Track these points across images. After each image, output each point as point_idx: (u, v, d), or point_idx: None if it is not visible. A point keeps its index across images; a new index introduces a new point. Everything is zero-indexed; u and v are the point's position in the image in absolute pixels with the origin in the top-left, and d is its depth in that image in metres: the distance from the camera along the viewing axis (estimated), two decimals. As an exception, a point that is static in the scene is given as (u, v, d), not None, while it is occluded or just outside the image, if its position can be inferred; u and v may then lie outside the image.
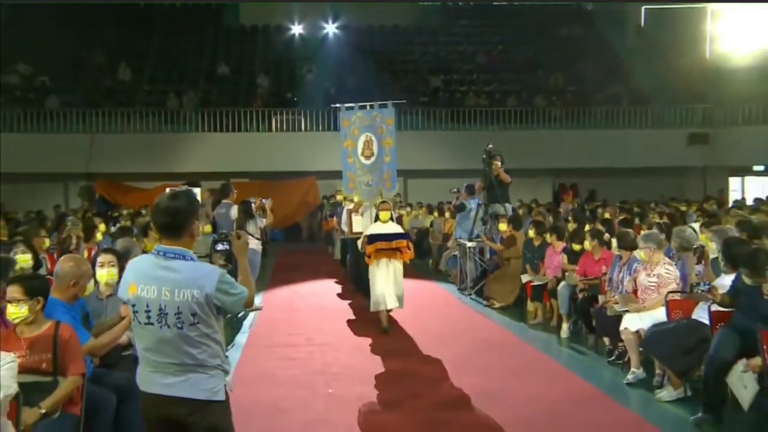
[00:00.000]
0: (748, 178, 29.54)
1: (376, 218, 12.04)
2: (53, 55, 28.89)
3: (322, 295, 15.34)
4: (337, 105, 13.89)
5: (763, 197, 23.71)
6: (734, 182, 29.61)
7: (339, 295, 15.15)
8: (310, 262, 20.08)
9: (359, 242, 12.13)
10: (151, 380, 4.20)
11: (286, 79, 28.80)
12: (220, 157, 25.35)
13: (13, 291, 5.30)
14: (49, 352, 5.28)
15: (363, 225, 13.39)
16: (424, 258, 19.89)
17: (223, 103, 27.35)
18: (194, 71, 29.23)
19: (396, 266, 11.80)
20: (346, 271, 17.12)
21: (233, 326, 12.22)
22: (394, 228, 12.06)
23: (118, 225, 14.27)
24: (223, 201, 14.01)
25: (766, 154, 27.50)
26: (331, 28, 31.81)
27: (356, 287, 14.73)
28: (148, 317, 4.10)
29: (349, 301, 14.37)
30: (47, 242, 10.41)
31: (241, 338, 11.49)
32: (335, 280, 16.91)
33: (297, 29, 31.98)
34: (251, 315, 13.06)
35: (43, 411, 5.20)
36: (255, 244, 13.74)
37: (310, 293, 15.53)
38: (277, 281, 17.00)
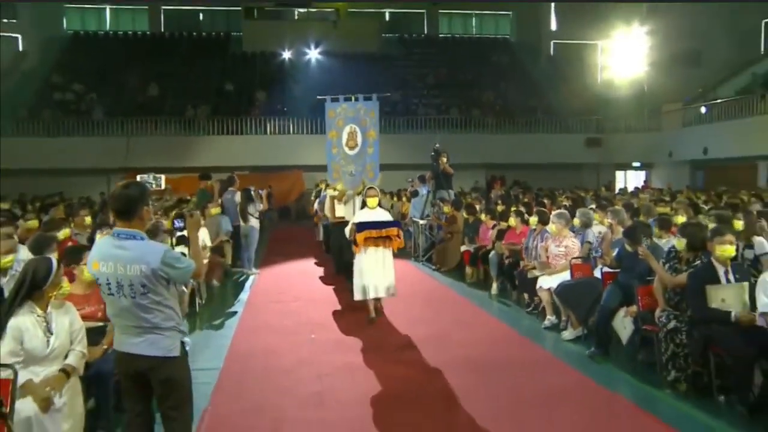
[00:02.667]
0: (629, 172, 30.01)
1: (363, 204, 9.73)
2: (99, 76, 28.77)
3: (308, 263, 15.15)
4: (324, 97, 11.66)
5: (639, 186, 24.17)
6: (619, 175, 29.92)
7: (321, 264, 14.93)
8: (297, 237, 20.01)
9: (347, 230, 9.52)
10: (120, 341, 4.10)
11: (278, 93, 28.65)
12: (226, 155, 25.21)
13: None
14: (102, 303, 5.20)
15: (346, 212, 11.37)
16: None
17: (228, 113, 27.22)
18: (206, 88, 29.06)
19: (385, 254, 9.30)
20: (328, 255, 14.92)
21: (237, 287, 12.21)
22: (382, 215, 9.53)
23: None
24: (229, 189, 13.90)
25: (642, 154, 28.29)
26: (313, 54, 31.62)
27: (338, 272, 12.56)
28: (110, 289, 3.97)
29: (329, 269, 14.03)
30: (88, 220, 10.26)
31: (244, 296, 11.42)
32: (318, 251, 16.61)
33: (287, 54, 31.77)
34: (251, 278, 13.00)
35: (105, 347, 5.23)
36: (255, 223, 13.77)
37: (298, 261, 15.34)
38: (271, 252, 16.85)
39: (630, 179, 29.46)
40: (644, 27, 28.19)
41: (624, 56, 27.90)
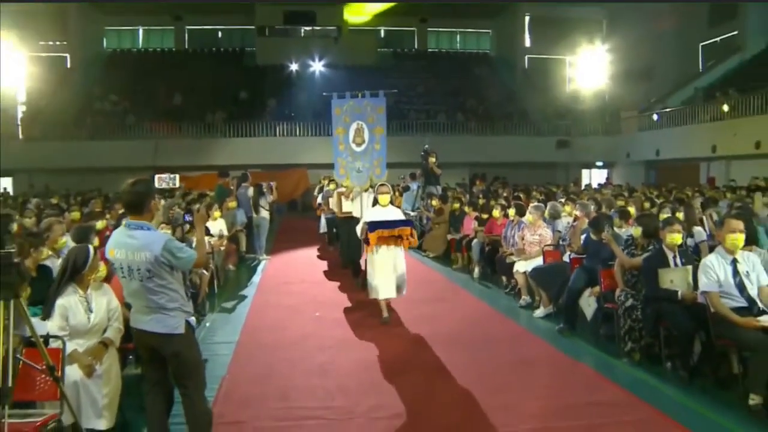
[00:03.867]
0: (593, 170, 30.01)
1: (375, 202, 8.50)
2: (132, 88, 28.80)
3: (312, 251, 15.06)
4: (330, 94, 10.72)
5: (602, 182, 24.24)
6: (585, 173, 29.87)
7: (323, 252, 14.80)
8: (304, 227, 19.89)
9: (358, 229, 8.37)
10: (135, 319, 4.12)
11: (286, 100, 28.54)
12: (241, 155, 25.03)
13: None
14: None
15: (353, 208, 10.52)
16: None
17: (243, 118, 27.14)
18: (224, 96, 28.96)
19: (397, 254, 8.12)
20: (332, 248, 14.33)
21: (250, 271, 12.17)
22: (394, 213, 8.32)
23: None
24: (243, 184, 13.95)
25: (604, 155, 28.36)
26: (317, 66, 31.50)
27: (345, 266, 11.61)
28: (122, 273, 3.98)
29: (332, 257, 13.85)
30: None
31: (256, 279, 11.39)
32: (321, 242, 16.25)
33: (294, 67, 31.66)
34: (263, 263, 12.95)
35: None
36: (265, 214, 13.77)
37: (303, 249, 15.26)
38: (280, 240, 16.74)
39: (594, 177, 29.50)
40: (605, 45, 28.31)
41: (588, 70, 27.95)
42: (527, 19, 34.84)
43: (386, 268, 7.99)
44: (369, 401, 5.39)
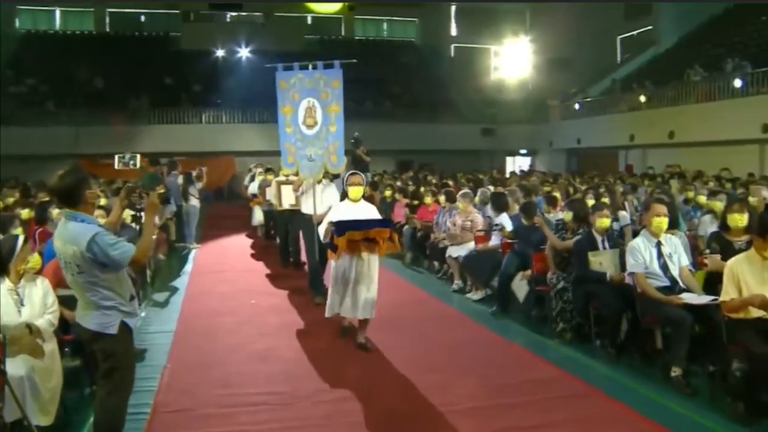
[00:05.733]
0: (517, 158, 30.64)
1: (344, 196, 6.89)
2: (50, 71, 27.53)
3: (242, 237, 14.97)
4: (274, 65, 8.54)
5: (525, 170, 24.90)
6: (509, 160, 30.43)
7: (255, 241, 14.63)
8: (231, 215, 19.52)
9: (320, 230, 6.59)
10: (76, 312, 3.92)
11: (212, 87, 27.97)
12: (166, 142, 24.12)
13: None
14: None
15: (303, 202, 8.54)
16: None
17: (168, 104, 26.43)
18: (148, 82, 28.05)
19: (370, 262, 6.34)
20: (271, 244, 13.28)
21: (182, 260, 11.94)
22: (368, 210, 6.63)
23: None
24: (173, 172, 13.67)
25: (528, 143, 29.05)
26: (244, 52, 30.96)
27: (285, 265, 10.87)
28: (62, 264, 3.78)
29: (263, 242, 13.99)
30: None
31: (188, 267, 11.20)
32: (252, 229, 15.94)
33: (220, 53, 31.01)
34: (193, 252, 12.73)
35: None
36: (195, 202, 13.55)
37: (233, 237, 15.13)
38: (209, 228, 16.32)
39: (518, 164, 30.20)
40: (528, 36, 29.00)
41: (513, 60, 28.60)
42: (453, 8, 35.26)
43: (354, 281, 6.31)
44: (311, 385, 5.44)
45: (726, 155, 17.21)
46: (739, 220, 5.64)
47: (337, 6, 34.99)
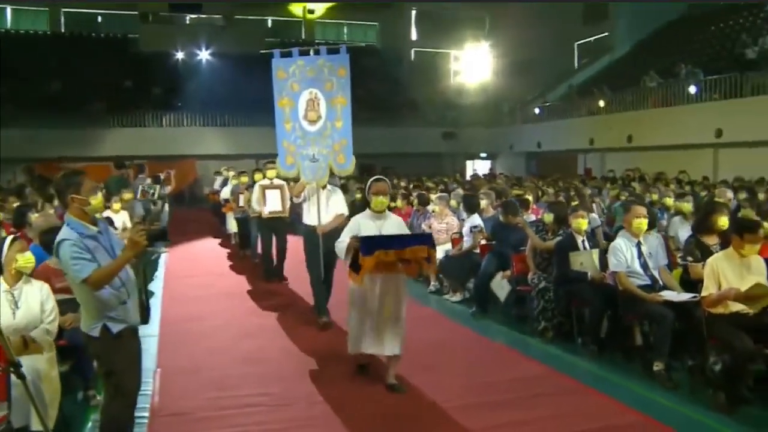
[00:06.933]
0: (476, 161, 31.03)
1: (365, 205, 5.99)
2: (2, 72, 26.68)
3: (210, 241, 14.90)
4: (270, 51, 7.41)
5: (486, 173, 25.25)
6: (469, 164, 30.75)
7: (220, 239, 14.72)
8: (195, 218, 19.29)
9: (339, 246, 5.36)
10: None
11: (172, 89, 27.64)
12: (126, 145, 23.72)
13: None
14: None
15: (309, 214, 7.32)
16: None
17: (127, 107, 26.02)
18: (107, 84, 27.56)
19: (399, 286, 5.39)
20: (245, 253, 12.37)
21: (153, 264, 11.72)
22: (396, 224, 5.52)
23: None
24: (140, 175, 13.56)
25: (488, 146, 29.54)
26: (204, 55, 30.69)
27: (269, 278, 10.03)
28: None
29: (230, 244, 13.83)
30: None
31: (160, 272, 11.10)
32: (216, 230, 16.08)
33: (180, 55, 30.64)
34: (163, 256, 12.59)
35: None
36: (165, 206, 13.49)
37: (201, 240, 15.05)
38: (174, 233, 15.71)
39: (478, 167, 30.59)
40: (488, 41, 29.46)
41: (472, 64, 29.01)
42: (413, 13, 35.57)
43: (382, 310, 5.32)
44: (304, 386, 5.51)
45: (682, 159, 17.84)
46: (722, 222, 5.89)
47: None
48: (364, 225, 5.41)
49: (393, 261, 5.10)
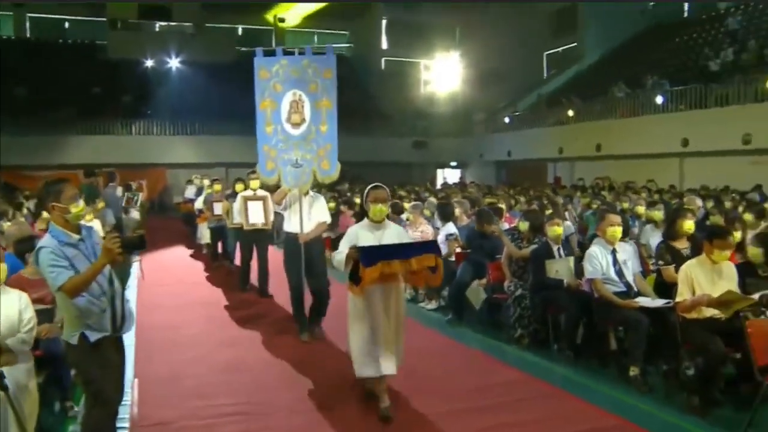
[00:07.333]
0: (446, 170, 31.31)
1: (362, 215, 5.35)
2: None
3: (181, 249, 14.83)
4: (253, 49, 7.12)
5: (457, 182, 25.49)
6: (439, 173, 30.97)
7: (192, 249, 14.60)
8: (164, 227, 19.05)
9: (336, 257, 5.00)
10: None
11: (141, 97, 27.42)
12: (94, 153, 23.51)
13: None
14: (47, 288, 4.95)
15: (289, 221, 7.12)
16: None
17: (96, 114, 25.77)
18: (75, 91, 27.17)
19: (397, 296, 5.12)
20: (219, 264, 12.27)
21: (124, 272, 11.67)
22: (397, 233, 5.21)
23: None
24: (111, 184, 13.42)
25: (458, 155, 29.87)
26: (174, 63, 30.50)
27: (245, 289, 9.87)
28: None
29: (203, 252, 13.73)
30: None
31: (132, 281, 10.72)
32: (187, 240, 15.89)
33: (149, 63, 30.42)
34: (134, 264, 12.42)
35: (60, 325, 4.96)
36: (135, 214, 13.32)
37: (171, 249, 14.94)
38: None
39: (448, 176, 30.85)
40: (458, 50, 29.78)
41: (443, 73, 29.30)
42: (384, 22, 35.79)
43: (381, 325, 4.97)
44: (286, 395, 5.51)
45: (650, 167, 18.25)
46: (688, 226, 6.07)
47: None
48: (363, 236, 5.07)
49: (398, 272, 4.82)
